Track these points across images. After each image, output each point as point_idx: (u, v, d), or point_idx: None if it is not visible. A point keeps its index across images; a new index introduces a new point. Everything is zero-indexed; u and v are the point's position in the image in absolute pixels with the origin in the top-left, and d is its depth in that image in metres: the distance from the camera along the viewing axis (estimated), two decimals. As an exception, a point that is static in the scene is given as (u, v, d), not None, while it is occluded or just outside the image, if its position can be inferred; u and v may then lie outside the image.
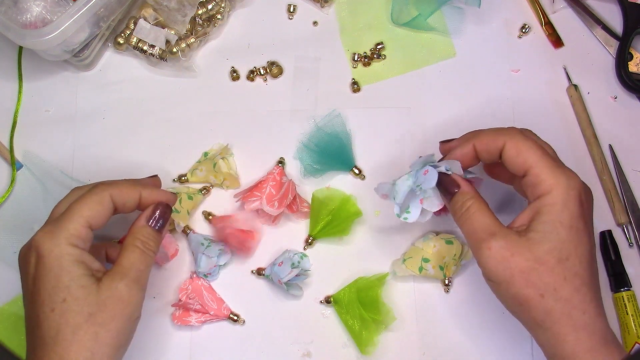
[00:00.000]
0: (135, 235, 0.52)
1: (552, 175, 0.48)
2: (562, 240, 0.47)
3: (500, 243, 0.48)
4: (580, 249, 0.47)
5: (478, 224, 0.49)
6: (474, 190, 0.52)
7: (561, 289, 0.46)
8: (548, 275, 0.46)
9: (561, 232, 0.47)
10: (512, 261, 0.47)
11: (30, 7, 0.60)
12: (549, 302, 0.46)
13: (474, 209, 0.50)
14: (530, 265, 0.47)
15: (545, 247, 0.47)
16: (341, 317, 0.60)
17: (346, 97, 0.67)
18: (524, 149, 0.50)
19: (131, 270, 0.50)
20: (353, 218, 0.62)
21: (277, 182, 0.61)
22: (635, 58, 0.67)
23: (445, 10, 0.68)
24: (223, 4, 0.66)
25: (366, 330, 0.60)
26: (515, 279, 0.47)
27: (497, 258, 0.48)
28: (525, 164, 0.49)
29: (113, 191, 0.51)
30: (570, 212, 0.47)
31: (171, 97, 0.67)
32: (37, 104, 0.67)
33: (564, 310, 0.46)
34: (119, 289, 0.48)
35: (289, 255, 0.60)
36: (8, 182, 0.65)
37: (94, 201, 0.50)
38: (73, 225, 0.49)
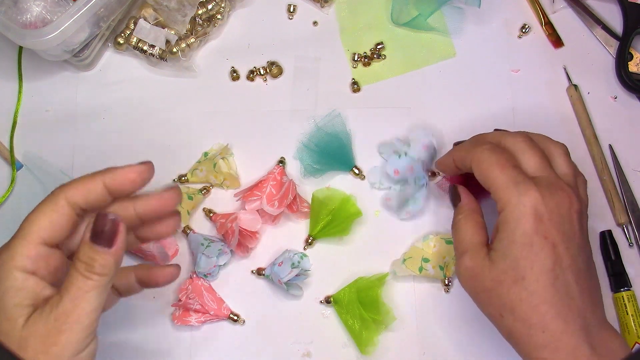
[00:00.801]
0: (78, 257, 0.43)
1: (506, 193, 0.48)
2: (516, 259, 0.47)
3: (467, 262, 0.50)
4: (537, 266, 0.46)
5: (459, 241, 0.51)
6: (470, 205, 0.53)
7: (518, 309, 0.46)
8: (505, 295, 0.47)
9: (514, 251, 0.47)
10: (476, 281, 0.49)
11: (30, 7, 0.60)
12: (508, 321, 0.47)
13: (461, 224, 0.52)
14: (490, 286, 0.48)
15: (502, 267, 0.47)
16: (341, 317, 0.60)
17: (346, 97, 0.67)
18: (484, 168, 0.50)
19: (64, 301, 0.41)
20: (353, 218, 0.62)
21: (278, 181, 0.61)
22: (635, 58, 0.67)
23: (445, 10, 0.68)
24: (223, 4, 0.66)
25: (366, 330, 0.60)
26: (479, 297, 0.49)
27: (464, 276, 0.50)
28: (487, 183, 0.50)
29: (68, 192, 0.44)
30: (522, 230, 0.47)
31: (171, 97, 0.67)
32: (37, 104, 0.67)
33: (523, 330, 0.46)
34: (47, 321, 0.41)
35: (289, 255, 0.60)
36: (8, 182, 0.65)
37: (47, 210, 0.43)
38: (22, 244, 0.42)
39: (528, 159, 0.50)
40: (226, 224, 0.60)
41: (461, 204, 0.53)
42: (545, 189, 0.48)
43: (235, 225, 0.59)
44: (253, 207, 0.61)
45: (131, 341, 0.61)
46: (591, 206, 0.63)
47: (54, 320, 0.41)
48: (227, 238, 0.60)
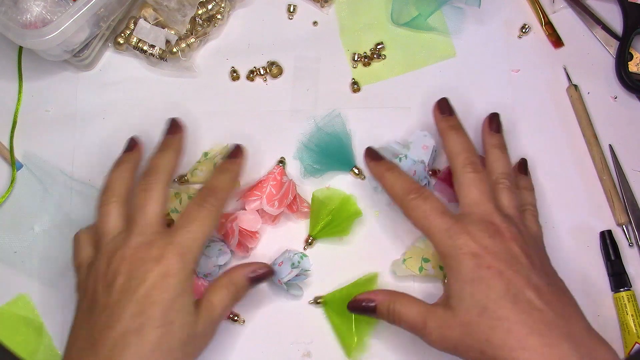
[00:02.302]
0: (233, 280, 0.53)
1: (440, 242, 0.51)
2: (472, 295, 0.49)
3: (432, 326, 0.50)
4: (494, 293, 0.48)
5: (411, 320, 0.52)
6: (388, 295, 0.54)
7: (493, 338, 0.47)
8: (477, 331, 0.48)
9: (467, 288, 0.49)
10: (448, 336, 0.50)
11: (30, 7, 0.60)
12: (490, 353, 0.47)
13: (398, 309, 0.52)
14: (461, 332, 0.49)
15: (463, 308, 0.49)
16: (330, 319, 0.60)
17: (346, 97, 0.67)
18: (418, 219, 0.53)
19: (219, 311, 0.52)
20: (353, 218, 0.62)
21: (278, 181, 0.61)
22: (635, 58, 0.67)
23: (445, 10, 0.68)
24: (223, 4, 0.66)
25: (357, 331, 0.59)
26: (458, 349, 0.49)
27: (438, 339, 0.50)
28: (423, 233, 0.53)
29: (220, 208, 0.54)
30: (466, 269, 0.49)
31: (171, 97, 0.67)
32: (37, 104, 0.67)
33: (506, 356, 0.47)
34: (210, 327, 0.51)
35: (289, 256, 0.60)
36: (8, 182, 0.65)
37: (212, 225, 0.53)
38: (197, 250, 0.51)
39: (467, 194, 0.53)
40: (226, 224, 0.60)
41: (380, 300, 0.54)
42: (475, 227, 0.51)
43: (235, 225, 0.59)
44: (253, 207, 0.61)
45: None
46: (591, 206, 0.64)
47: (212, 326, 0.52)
48: (226, 238, 0.60)
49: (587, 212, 0.64)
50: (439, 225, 0.51)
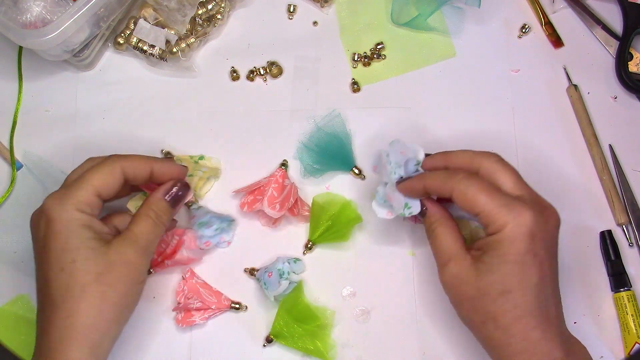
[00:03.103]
0: (150, 206, 0.54)
1: (499, 216, 0.49)
2: (505, 275, 0.49)
3: (453, 270, 0.51)
4: (526, 282, 0.49)
5: (441, 248, 0.53)
6: (441, 212, 0.54)
7: (501, 319, 0.48)
8: (490, 305, 0.49)
9: (504, 267, 0.49)
10: (461, 288, 0.51)
11: (30, 7, 0.60)
12: (489, 329, 0.49)
13: (439, 231, 0.53)
14: (474, 295, 0.50)
15: (489, 280, 0.49)
16: (292, 346, 0.60)
17: (346, 97, 0.67)
18: (470, 195, 0.50)
19: (141, 237, 0.52)
20: (353, 224, 0.62)
21: (280, 184, 0.61)
22: (635, 58, 0.67)
23: (445, 10, 0.68)
24: (223, 4, 0.66)
25: (319, 340, 0.59)
26: (463, 304, 0.51)
27: (450, 283, 0.52)
28: (475, 210, 0.50)
29: (124, 163, 0.54)
30: (517, 249, 0.49)
31: (171, 97, 0.67)
32: (37, 104, 0.67)
33: (503, 338, 0.48)
34: (128, 253, 0.51)
35: (278, 266, 0.60)
36: (8, 182, 0.65)
37: (105, 171, 0.53)
38: (82, 193, 0.51)
39: (506, 179, 0.52)
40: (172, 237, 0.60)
41: (430, 212, 0.54)
42: (534, 208, 0.50)
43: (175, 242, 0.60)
44: (254, 208, 0.61)
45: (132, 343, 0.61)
46: (591, 206, 0.64)
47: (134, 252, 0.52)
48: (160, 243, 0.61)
49: (587, 212, 0.64)
50: (498, 200, 0.49)
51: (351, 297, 0.62)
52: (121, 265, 0.51)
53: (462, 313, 0.52)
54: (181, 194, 0.56)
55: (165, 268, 0.61)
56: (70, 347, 0.48)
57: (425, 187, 0.54)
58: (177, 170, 0.57)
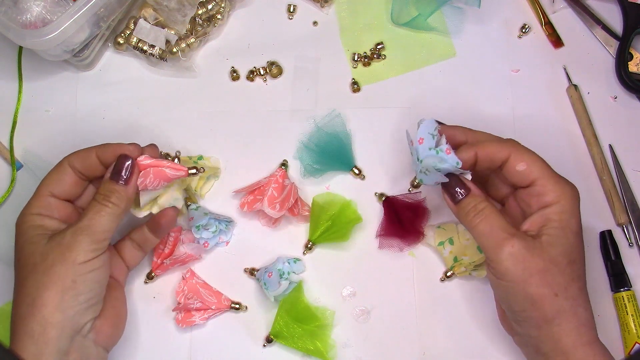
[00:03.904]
0: (98, 191, 0.54)
1: (558, 186, 0.51)
2: (571, 245, 0.51)
3: (521, 243, 0.50)
4: (582, 254, 0.52)
5: (497, 224, 0.51)
6: (484, 193, 0.54)
7: (570, 289, 0.50)
8: (560, 275, 0.50)
9: (570, 237, 0.51)
10: (531, 261, 0.50)
11: (30, 7, 0.60)
12: (560, 300, 0.50)
13: (489, 210, 0.52)
14: (546, 266, 0.50)
15: (558, 250, 0.50)
16: (292, 346, 0.60)
17: (346, 97, 0.67)
18: (529, 161, 0.52)
19: (82, 220, 0.52)
20: (353, 224, 0.62)
21: (280, 184, 0.61)
22: (635, 58, 0.67)
23: (445, 10, 0.68)
24: (223, 4, 0.66)
25: (319, 340, 0.59)
26: (533, 278, 0.50)
27: (517, 257, 0.50)
28: (532, 175, 0.52)
29: (70, 157, 0.55)
30: (577, 219, 0.51)
31: (171, 97, 0.67)
32: (37, 104, 0.67)
33: (572, 308, 0.50)
34: (64, 237, 0.51)
35: (278, 266, 0.60)
36: (8, 182, 0.65)
37: (54, 171, 0.55)
38: (35, 198, 0.54)
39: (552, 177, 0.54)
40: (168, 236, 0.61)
41: (474, 193, 0.53)
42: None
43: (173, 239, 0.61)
44: (254, 207, 0.61)
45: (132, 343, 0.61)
46: (591, 206, 0.64)
47: (71, 234, 0.51)
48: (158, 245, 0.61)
49: (587, 212, 0.63)
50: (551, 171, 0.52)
51: (351, 297, 0.62)
52: (54, 250, 0.51)
53: (529, 289, 0.49)
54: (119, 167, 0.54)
55: (166, 269, 0.61)
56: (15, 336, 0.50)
57: (476, 153, 0.53)
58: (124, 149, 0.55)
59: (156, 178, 0.55)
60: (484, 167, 0.54)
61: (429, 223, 0.63)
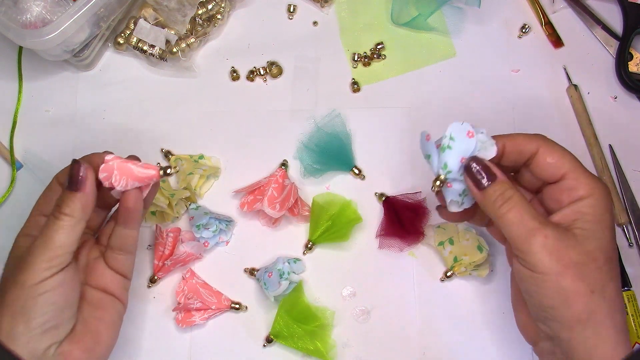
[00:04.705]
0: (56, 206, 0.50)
1: (591, 180, 0.48)
2: (608, 241, 0.47)
3: (555, 233, 0.46)
4: (617, 253, 0.48)
5: (528, 213, 0.47)
6: (512, 180, 0.50)
7: (608, 288, 0.46)
8: (598, 272, 0.46)
9: (606, 232, 0.47)
10: (566, 253, 0.45)
11: (30, 7, 0.60)
12: (597, 299, 0.45)
13: (518, 198, 0.47)
14: (582, 260, 0.46)
15: (595, 245, 0.46)
16: (292, 346, 0.60)
17: (346, 97, 0.67)
18: (560, 154, 0.49)
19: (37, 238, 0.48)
20: (353, 224, 0.62)
21: (280, 184, 0.61)
22: (635, 58, 0.67)
23: (445, 10, 0.68)
24: (223, 4, 0.66)
25: (319, 341, 0.59)
26: (568, 271, 0.45)
27: (551, 248, 0.46)
28: (562, 169, 0.49)
29: (57, 175, 0.54)
30: (611, 215, 0.48)
31: (171, 97, 0.67)
32: (37, 104, 0.67)
33: (609, 310, 0.46)
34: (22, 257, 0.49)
35: (278, 266, 0.60)
36: (8, 182, 0.65)
37: (45, 190, 0.54)
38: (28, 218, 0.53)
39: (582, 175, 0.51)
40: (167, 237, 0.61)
41: (502, 179, 0.48)
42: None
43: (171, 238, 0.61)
44: (254, 207, 0.61)
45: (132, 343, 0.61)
46: (591, 206, 0.64)
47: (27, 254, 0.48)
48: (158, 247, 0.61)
49: (587, 212, 0.64)
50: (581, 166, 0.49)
51: (351, 297, 0.62)
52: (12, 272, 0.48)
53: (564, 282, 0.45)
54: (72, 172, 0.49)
55: (168, 271, 0.61)
56: None
57: (504, 145, 0.50)
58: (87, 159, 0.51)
59: (122, 176, 0.50)
60: (511, 161, 0.51)
61: (429, 223, 0.63)
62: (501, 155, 0.51)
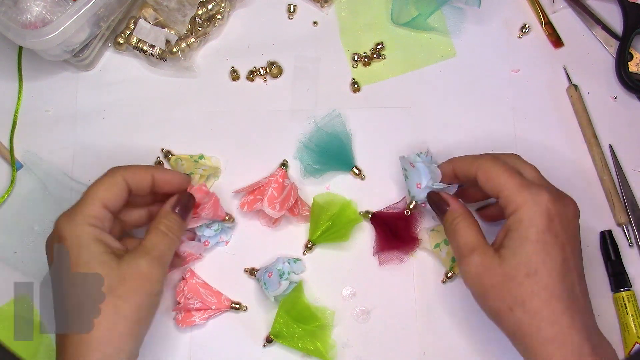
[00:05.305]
0: (160, 219, 0.54)
1: (518, 195, 0.50)
2: (528, 255, 0.49)
3: (476, 260, 0.51)
4: (549, 262, 0.49)
5: (462, 240, 0.53)
6: (463, 208, 0.55)
7: (529, 302, 0.48)
8: (517, 289, 0.49)
9: (527, 247, 0.49)
10: (485, 276, 0.50)
11: (30, 7, 0.60)
12: (517, 314, 0.49)
13: (460, 226, 0.53)
14: (500, 280, 0.49)
15: (514, 262, 0.49)
16: (291, 346, 0.60)
17: (346, 97, 0.67)
18: (493, 174, 0.52)
19: (153, 249, 0.52)
20: (353, 224, 0.62)
21: (280, 184, 0.61)
22: (635, 58, 0.67)
23: (445, 10, 0.68)
24: (223, 4, 0.66)
25: (319, 341, 0.59)
26: (488, 293, 0.50)
27: (473, 273, 0.51)
28: (496, 189, 0.52)
29: (126, 173, 0.53)
30: (536, 227, 0.49)
31: (171, 97, 0.67)
32: (37, 104, 0.67)
33: (533, 323, 0.48)
34: (140, 265, 0.50)
35: (278, 266, 0.60)
36: (8, 182, 0.65)
37: (109, 182, 0.53)
38: (89, 207, 0.51)
39: (527, 171, 0.54)
40: None
41: (452, 208, 0.55)
42: (552, 192, 0.51)
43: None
44: (254, 207, 0.61)
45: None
46: (591, 206, 0.64)
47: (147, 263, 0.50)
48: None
49: (587, 212, 0.64)
50: (519, 180, 0.51)
51: (351, 297, 0.62)
52: (133, 277, 0.50)
53: (487, 303, 0.51)
54: (187, 204, 0.56)
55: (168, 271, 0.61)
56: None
57: (454, 168, 0.56)
58: (178, 178, 0.57)
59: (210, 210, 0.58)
60: (465, 179, 0.56)
61: (422, 227, 0.63)
62: (453, 176, 0.57)
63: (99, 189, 0.52)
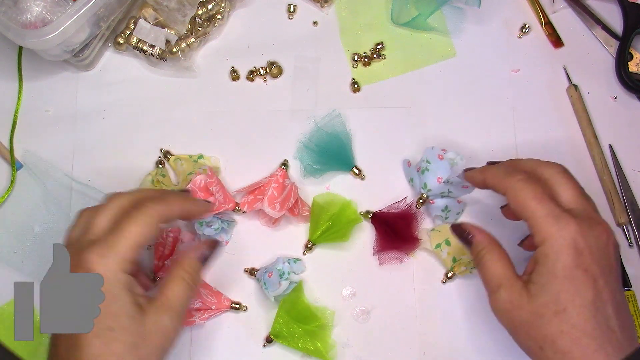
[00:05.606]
0: (185, 268, 0.52)
1: (544, 225, 0.48)
2: (556, 292, 0.47)
3: (504, 296, 0.49)
4: (579, 299, 0.46)
5: (488, 275, 0.51)
6: (487, 239, 0.52)
7: (559, 342, 0.46)
8: (546, 327, 0.47)
9: (555, 284, 0.47)
10: (514, 314, 0.48)
11: (30, 7, 0.60)
12: (548, 354, 0.46)
13: (486, 259, 0.51)
14: (529, 319, 0.48)
15: (542, 300, 0.47)
16: (291, 346, 0.60)
17: (346, 97, 0.67)
18: (521, 199, 0.49)
19: (176, 302, 0.50)
20: (353, 224, 0.62)
21: (280, 184, 0.61)
22: (635, 58, 0.67)
23: (445, 10, 0.68)
24: (223, 4, 0.66)
25: (319, 341, 0.59)
26: (517, 330, 0.49)
27: (501, 310, 0.49)
28: (523, 215, 0.49)
29: (160, 210, 0.50)
30: (563, 263, 0.47)
31: (171, 97, 0.67)
32: (37, 104, 0.67)
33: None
34: (164, 322, 0.48)
35: (279, 266, 0.60)
36: (8, 182, 0.65)
37: (144, 222, 0.49)
38: (125, 250, 0.47)
39: (564, 191, 0.50)
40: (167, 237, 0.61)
41: (476, 240, 0.52)
42: (583, 222, 0.48)
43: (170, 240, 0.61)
44: (254, 207, 0.61)
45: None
46: (591, 206, 0.64)
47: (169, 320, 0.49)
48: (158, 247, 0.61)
49: (587, 212, 0.64)
50: (547, 209, 0.48)
51: (351, 297, 0.62)
52: (157, 334, 0.48)
53: (518, 340, 0.49)
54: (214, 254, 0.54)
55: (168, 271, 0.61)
56: None
57: (485, 180, 0.54)
58: (205, 208, 0.57)
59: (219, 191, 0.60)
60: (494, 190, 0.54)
61: (422, 227, 0.63)
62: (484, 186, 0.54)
63: (134, 228, 0.48)
